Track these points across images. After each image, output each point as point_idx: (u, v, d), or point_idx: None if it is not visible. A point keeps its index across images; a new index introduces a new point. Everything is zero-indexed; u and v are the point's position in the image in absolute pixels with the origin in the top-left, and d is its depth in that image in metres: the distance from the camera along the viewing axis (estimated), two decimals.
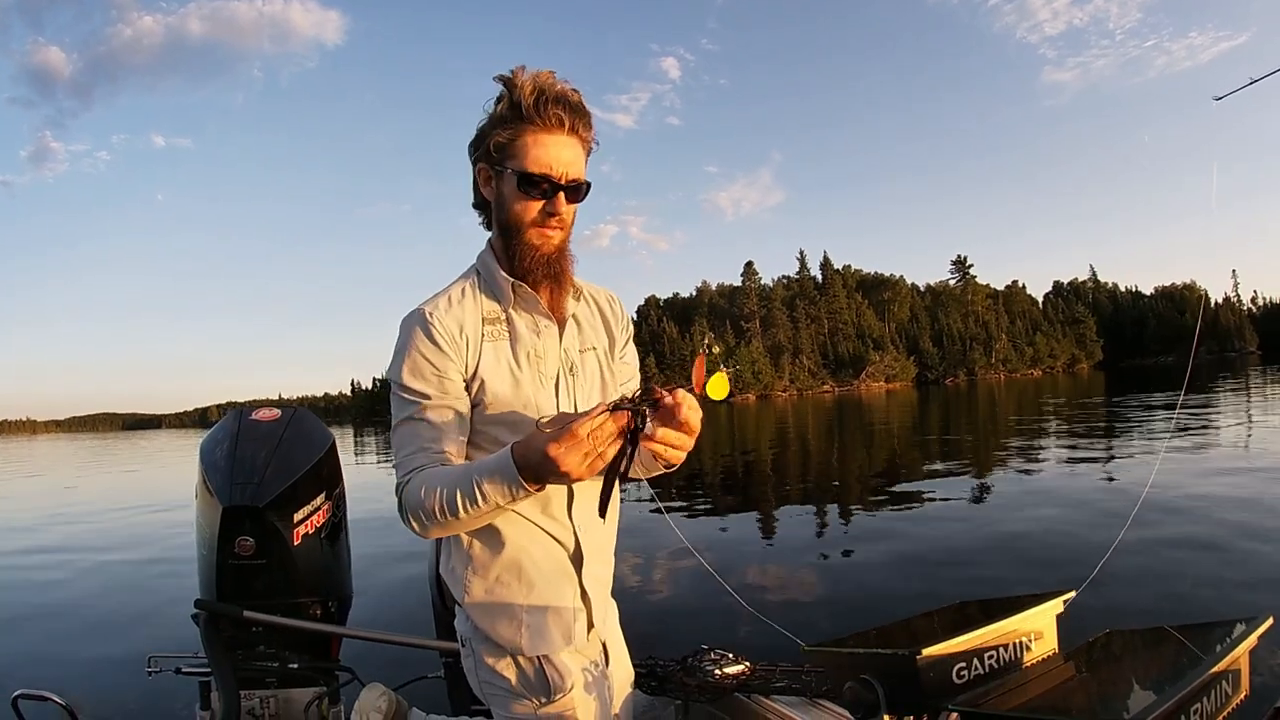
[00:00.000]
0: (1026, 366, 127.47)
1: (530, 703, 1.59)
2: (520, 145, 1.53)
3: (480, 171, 1.60)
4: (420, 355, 1.52)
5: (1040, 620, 1.23)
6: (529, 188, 1.54)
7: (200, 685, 2.56)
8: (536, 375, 1.60)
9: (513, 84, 1.52)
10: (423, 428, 1.52)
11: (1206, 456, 12.10)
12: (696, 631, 2.08)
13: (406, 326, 1.55)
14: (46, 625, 6.54)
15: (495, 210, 1.61)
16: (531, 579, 1.60)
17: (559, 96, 1.53)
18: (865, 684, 1.20)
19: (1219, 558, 6.28)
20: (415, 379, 1.52)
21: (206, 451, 2.65)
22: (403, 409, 1.54)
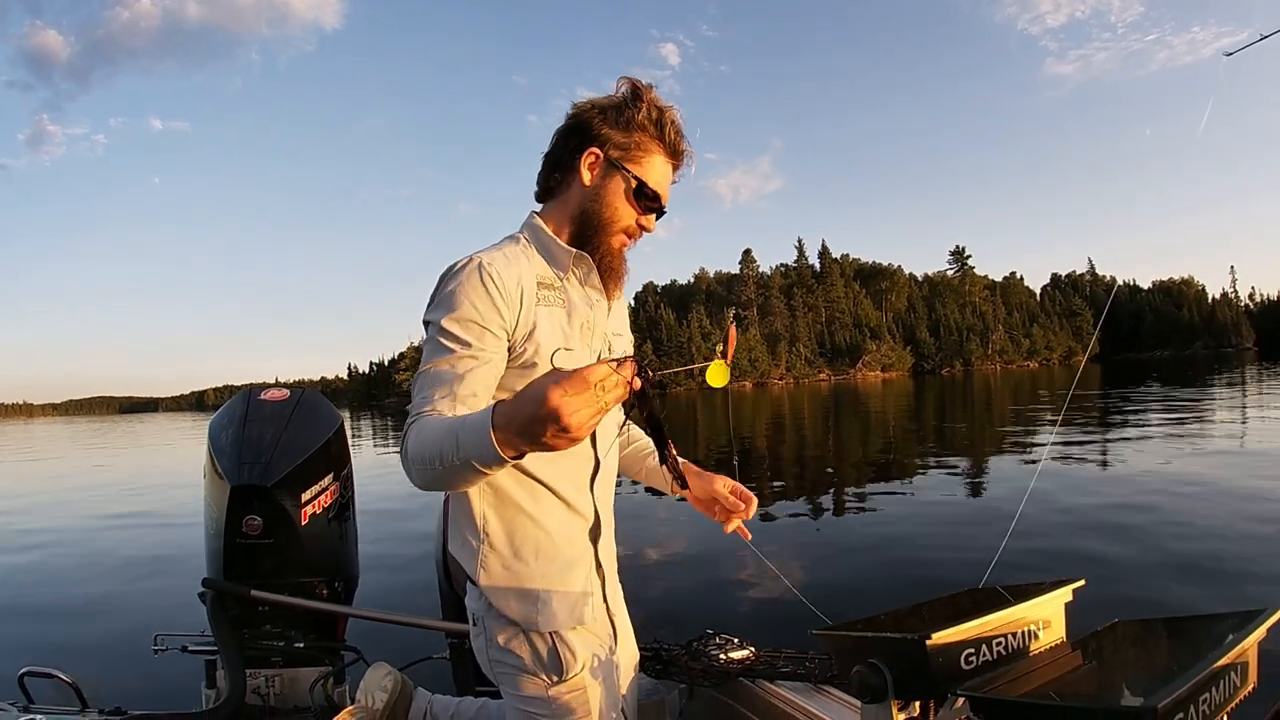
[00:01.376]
0: (1023, 358, 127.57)
1: (540, 681, 1.59)
2: (649, 161, 1.61)
3: (590, 155, 1.59)
4: (469, 303, 1.47)
5: (1049, 608, 1.25)
6: (641, 199, 1.61)
7: (206, 664, 2.58)
8: (587, 347, 1.64)
9: (651, 102, 1.59)
10: (449, 375, 1.46)
11: (1208, 448, 12.13)
12: (702, 616, 2.09)
13: (458, 272, 1.50)
14: (53, 603, 6.57)
15: (586, 196, 1.61)
16: (550, 554, 1.60)
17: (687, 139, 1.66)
18: (873, 668, 1.20)
19: (1230, 549, 6.30)
20: (457, 325, 1.46)
21: (215, 432, 2.66)
22: (435, 353, 1.48)
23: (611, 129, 1.58)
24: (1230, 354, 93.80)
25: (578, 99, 1.65)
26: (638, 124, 1.59)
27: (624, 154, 1.59)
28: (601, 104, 1.60)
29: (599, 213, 1.60)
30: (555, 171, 1.65)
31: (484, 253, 1.54)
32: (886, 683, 1.19)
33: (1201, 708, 0.92)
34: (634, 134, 1.59)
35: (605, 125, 1.58)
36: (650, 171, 1.61)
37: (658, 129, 1.60)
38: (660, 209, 1.66)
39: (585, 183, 1.60)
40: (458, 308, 1.47)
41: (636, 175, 1.59)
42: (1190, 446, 12.44)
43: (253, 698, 2.50)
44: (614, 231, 1.62)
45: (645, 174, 1.60)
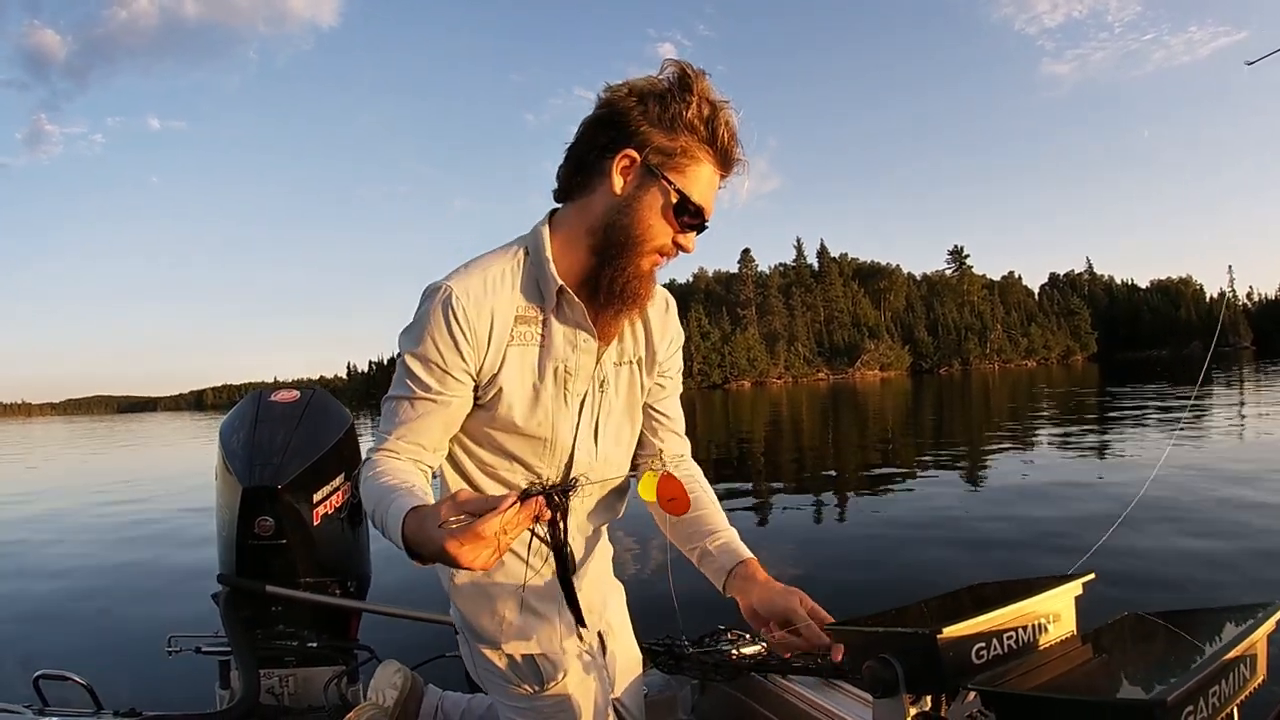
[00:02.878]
0: (1021, 357, 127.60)
1: (524, 689, 1.56)
2: (695, 170, 1.37)
3: (625, 158, 1.35)
4: (431, 342, 1.37)
5: (1059, 602, 1.26)
6: (684, 215, 1.38)
7: (220, 664, 2.58)
8: (561, 393, 1.47)
9: (704, 96, 1.36)
10: (407, 413, 1.42)
11: (1215, 445, 12.15)
12: (713, 612, 2.10)
13: (428, 301, 1.38)
14: (65, 606, 6.56)
15: (615, 210, 1.38)
16: (515, 578, 1.53)
17: (739, 146, 1.43)
18: (884, 663, 1.21)
19: (1236, 543, 6.34)
20: (418, 364, 1.39)
21: (226, 433, 2.67)
22: (398, 385, 1.43)
23: (653, 127, 1.34)
24: (1228, 353, 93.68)
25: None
26: (685, 123, 1.34)
27: (666, 160, 1.34)
28: (641, 90, 1.35)
29: (629, 228, 1.37)
30: (580, 170, 1.41)
31: (461, 277, 1.39)
32: (898, 677, 1.20)
33: (1211, 700, 0.93)
34: (680, 136, 1.34)
35: (645, 122, 1.33)
36: (695, 183, 1.37)
37: (709, 131, 1.36)
38: (703, 226, 1.43)
39: (616, 190, 1.36)
40: (421, 344, 1.38)
41: (679, 187, 1.35)
42: (1194, 441, 12.44)
43: (267, 697, 2.51)
44: (645, 251, 1.39)
45: (689, 186, 1.36)
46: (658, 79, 1.37)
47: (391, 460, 1.42)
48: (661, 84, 1.36)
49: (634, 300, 1.44)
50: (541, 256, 1.42)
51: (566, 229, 1.44)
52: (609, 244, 1.39)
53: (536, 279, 1.43)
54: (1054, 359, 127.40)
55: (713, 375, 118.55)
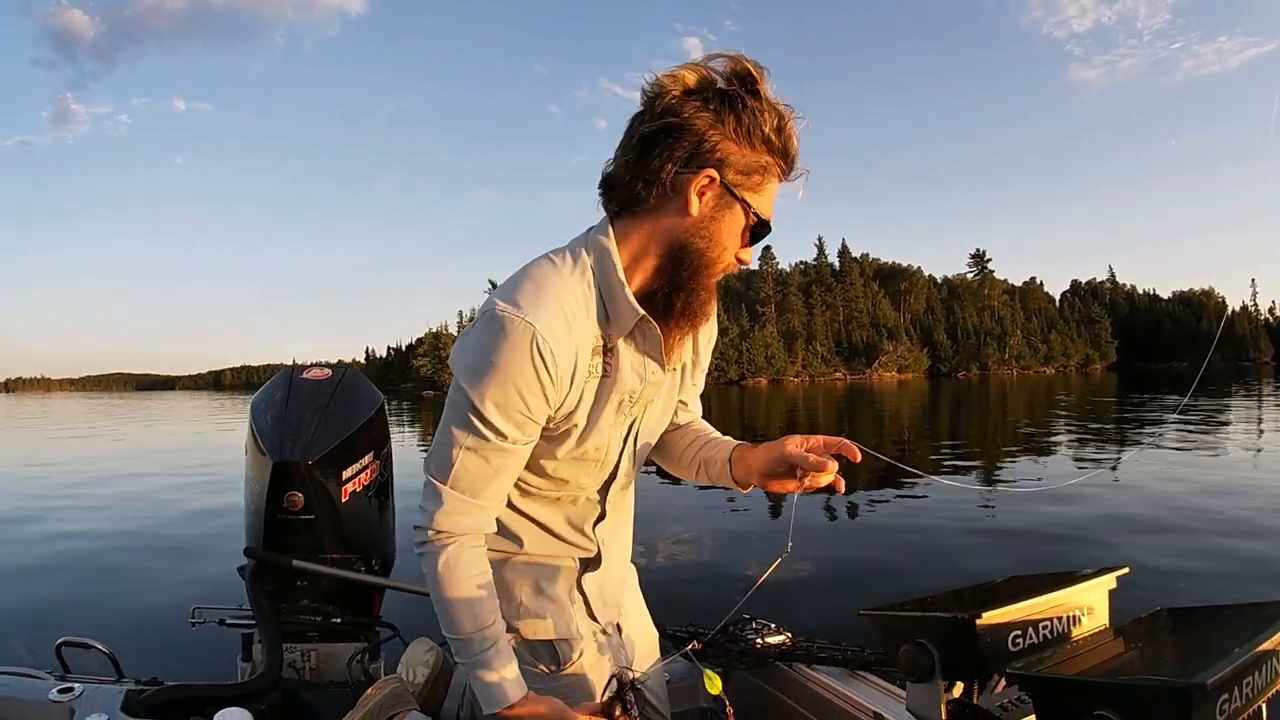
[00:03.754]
0: (1040, 364, 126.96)
1: (541, 669, 1.53)
2: (768, 187, 1.30)
3: (704, 177, 1.24)
4: (514, 387, 1.24)
5: (1093, 594, 1.27)
6: (757, 234, 1.33)
7: (243, 637, 2.59)
8: (622, 419, 1.44)
9: (777, 111, 1.27)
10: (480, 467, 1.31)
11: (1243, 451, 12.12)
12: (735, 601, 2.12)
13: (505, 338, 1.23)
14: (90, 575, 6.64)
15: (690, 229, 1.28)
16: (534, 572, 1.52)
17: None
18: (921, 647, 1.22)
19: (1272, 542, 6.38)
20: (496, 410, 1.26)
21: (257, 409, 2.68)
22: (467, 430, 1.29)
23: (731, 143, 1.24)
24: (1248, 367, 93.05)
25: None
26: (762, 138, 1.25)
27: (744, 179, 1.26)
28: (703, 88, 1.25)
29: (705, 251, 1.29)
30: (643, 182, 1.27)
31: (542, 312, 1.23)
32: (934, 662, 1.21)
33: (1245, 691, 0.94)
34: (757, 152, 1.26)
35: (723, 138, 1.23)
36: (767, 199, 1.31)
37: (782, 144, 1.28)
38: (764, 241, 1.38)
39: (692, 212, 1.26)
40: (502, 388, 1.24)
41: (755, 207, 1.28)
42: (1225, 450, 12.40)
43: (289, 671, 2.52)
44: (716, 272, 1.33)
45: (762, 203, 1.29)
46: (716, 74, 1.26)
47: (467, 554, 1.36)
48: (729, 86, 1.25)
49: (700, 319, 1.38)
50: (615, 281, 1.31)
51: (630, 247, 1.33)
52: (680, 266, 1.30)
53: (608, 307, 1.33)
54: (1073, 367, 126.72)
55: (730, 371, 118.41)
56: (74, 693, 2.02)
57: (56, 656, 2.38)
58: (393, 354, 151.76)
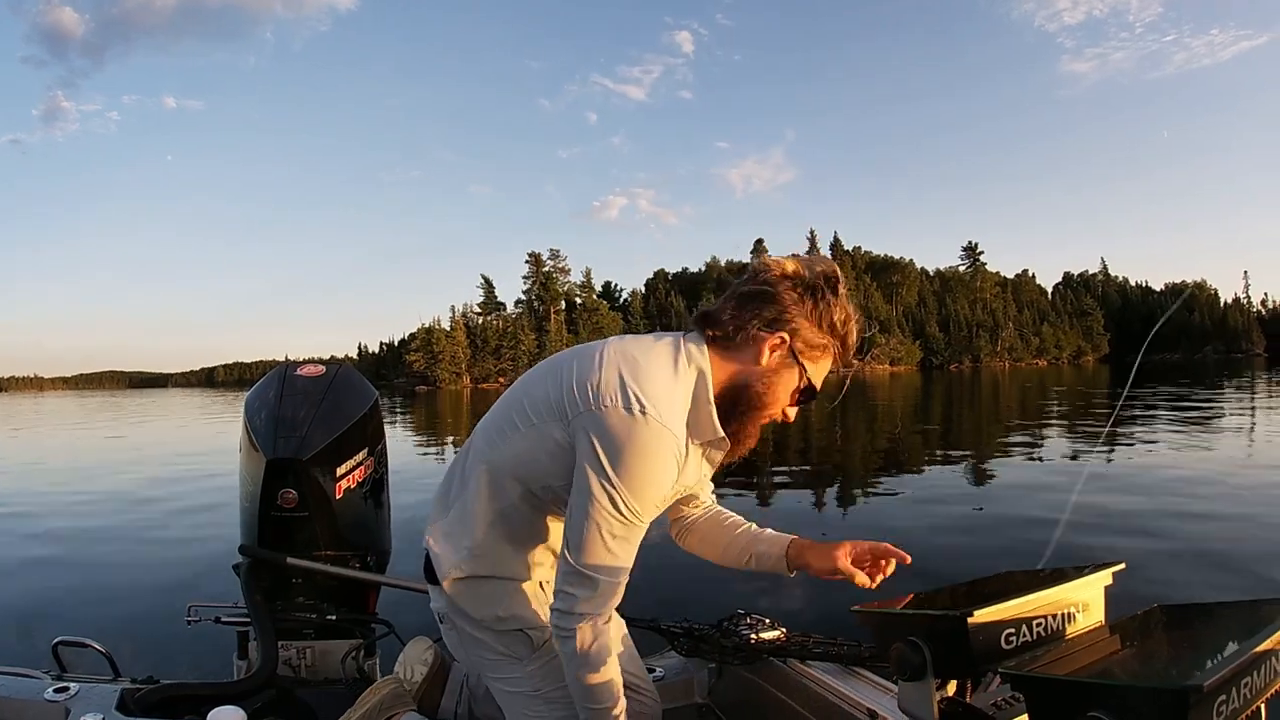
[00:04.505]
0: (1032, 356, 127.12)
1: (514, 662, 1.68)
2: (825, 362, 1.59)
3: (778, 339, 1.53)
4: (658, 487, 1.47)
5: (1088, 591, 1.26)
6: (804, 395, 1.60)
7: (238, 635, 2.60)
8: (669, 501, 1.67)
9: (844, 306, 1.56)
10: (626, 551, 1.50)
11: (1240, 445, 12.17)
12: (731, 597, 2.13)
13: (657, 447, 1.43)
14: (85, 573, 6.61)
15: (755, 375, 1.55)
16: (525, 577, 1.69)
17: None
18: (912, 645, 1.21)
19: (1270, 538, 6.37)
20: (644, 504, 1.46)
21: (251, 406, 2.68)
22: (615, 524, 1.45)
23: (806, 320, 1.54)
24: (1240, 359, 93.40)
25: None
26: (830, 324, 1.55)
27: (807, 349, 1.55)
28: (796, 276, 1.54)
29: (761, 395, 1.56)
30: (735, 326, 1.54)
31: (675, 417, 1.46)
32: (926, 660, 1.21)
33: (1243, 691, 0.93)
34: (820, 334, 1.55)
35: (801, 315, 1.53)
36: (821, 372, 1.60)
37: (844, 334, 1.58)
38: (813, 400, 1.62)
39: (761, 362, 1.54)
40: (649, 489, 1.45)
41: (810, 374, 1.57)
42: (1220, 443, 12.44)
43: (284, 669, 2.52)
44: (766, 416, 1.59)
45: (816, 374, 1.59)
46: (807, 263, 1.57)
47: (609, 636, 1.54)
48: (811, 275, 1.55)
49: (742, 447, 1.63)
50: (704, 400, 1.53)
51: (714, 372, 1.55)
52: (739, 400, 1.56)
53: (696, 419, 1.53)
54: (1065, 359, 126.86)
55: None
56: (70, 692, 2.02)
57: (52, 656, 2.39)
58: (385, 349, 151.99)
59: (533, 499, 1.60)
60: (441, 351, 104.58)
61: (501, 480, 1.61)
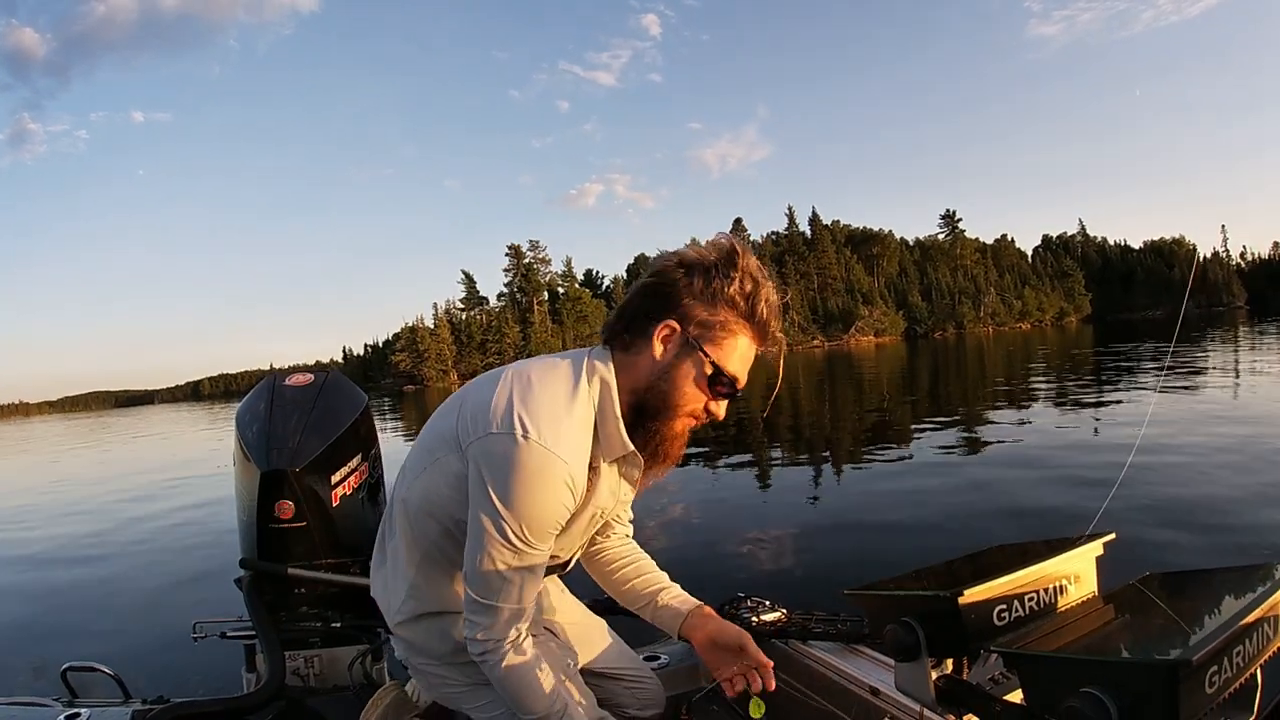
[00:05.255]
0: (1015, 320, 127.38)
1: (486, 688, 1.64)
2: (731, 342, 1.45)
3: (666, 328, 1.44)
4: (550, 515, 1.41)
5: (1079, 563, 1.27)
6: (717, 385, 1.46)
7: (245, 648, 2.62)
8: (589, 529, 1.63)
9: (746, 273, 1.44)
10: (522, 579, 1.46)
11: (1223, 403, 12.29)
12: (734, 580, 2.15)
13: (545, 476, 1.37)
14: (89, 598, 6.62)
15: (654, 374, 1.46)
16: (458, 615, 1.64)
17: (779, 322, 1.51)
18: (906, 627, 1.22)
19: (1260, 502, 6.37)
20: (534, 535, 1.41)
21: (242, 419, 2.68)
22: (512, 551, 1.42)
23: (695, 301, 1.43)
24: (1222, 312, 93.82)
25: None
26: (726, 299, 1.43)
27: (705, 332, 1.43)
28: (690, 262, 1.45)
29: (666, 394, 1.46)
30: (629, 329, 1.49)
31: (568, 446, 1.39)
32: (920, 641, 1.22)
33: (1235, 660, 0.94)
34: (719, 311, 1.43)
35: (689, 295, 1.43)
36: (731, 355, 1.45)
37: (749, 307, 1.45)
38: (735, 394, 1.50)
39: (657, 356, 1.45)
40: (540, 518, 1.40)
41: (714, 360, 1.44)
42: (1207, 403, 12.50)
43: (293, 679, 2.53)
44: (679, 415, 1.48)
45: (725, 358, 1.45)
46: (707, 252, 1.46)
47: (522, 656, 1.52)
48: (710, 257, 1.44)
49: (665, 460, 1.54)
50: (611, 414, 1.46)
51: (620, 381, 1.49)
52: (647, 404, 1.48)
53: (602, 435, 1.47)
54: (1048, 321, 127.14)
55: None
56: (82, 717, 2.03)
57: (62, 682, 2.40)
58: (370, 351, 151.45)
59: (451, 535, 1.56)
60: (427, 350, 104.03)
61: (419, 518, 1.59)
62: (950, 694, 1.23)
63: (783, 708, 2.07)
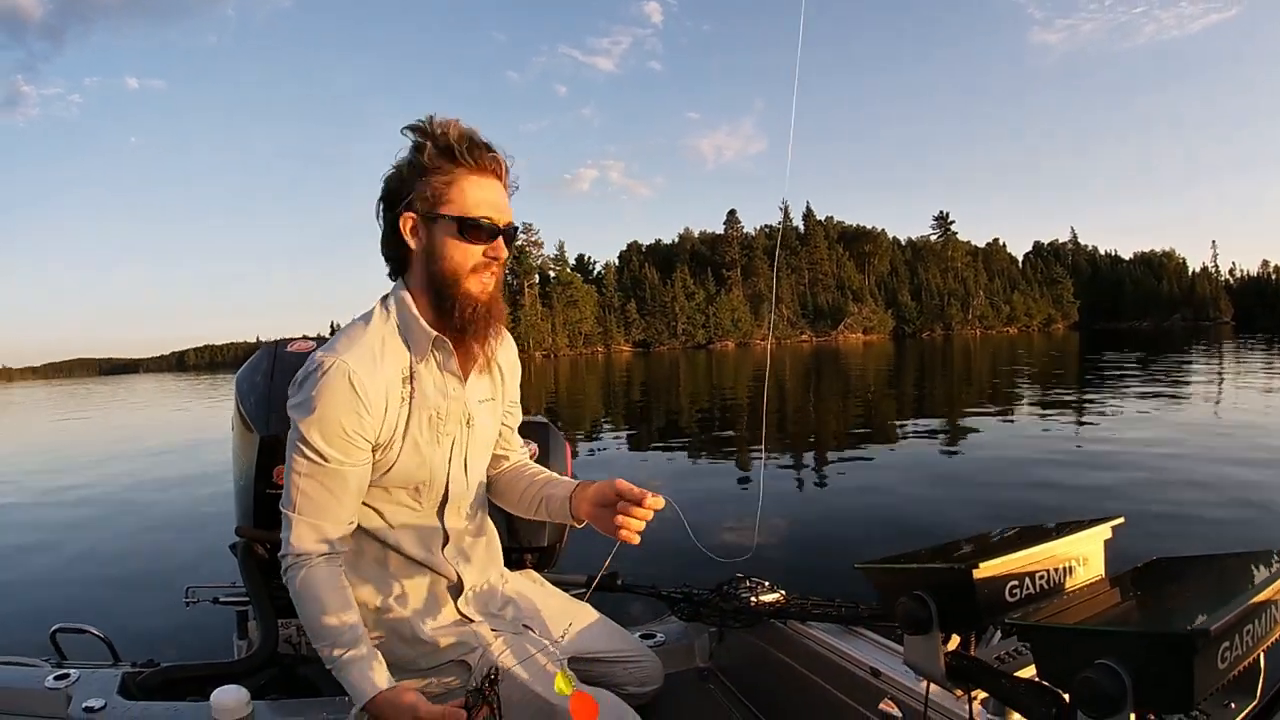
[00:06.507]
0: (1003, 324, 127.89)
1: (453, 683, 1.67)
2: (457, 191, 1.52)
3: (406, 220, 1.53)
4: (334, 417, 1.46)
5: (1089, 545, 1.28)
6: (473, 232, 1.53)
7: (237, 615, 2.60)
8: (435, 435, 1.61)
9: (434, 132, 1.51)
10: (317, 490, 1.51)
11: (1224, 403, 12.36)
12: (730, 562, 2.16)
13: (324, 376, 1.47)
14: (81, 560, 6.63)
15: (426, 261, 1.55)
16: (416, 603, 1.68)
17: (486, 143, 1.55)
18: (918, 600, 1.22)
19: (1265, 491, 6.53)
20: (323, 440, 1.47)
21: (242, 385, 2.66)
22: (303, 458, 1.49)
23: (412, 183, 1.52)
24: (1209, 327, 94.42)
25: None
26: (430, 165, 1.51)
27: (433, 201, 1.52)
28: (400, 163, 1.55)
29: (441, 270, 1.53)
30: (390, 250, 1.60)
31: (350, 351, 1.49)
32: (931, 614, 1.22)
33: (1245, 639, 0.94)
34: (431, 176, 1.51)
35: (403, 185, 1.53)
36: (466, 200, 1.52)
37: (449, 155, 1.51)
38: (500, 230, 1.56)
39: (415, 248, 1.55)
40: (325, 417, 1.46)
41: (454, 214, 1.51)
42: (1204, 402, 12.60)
43: (284, 646, 2.51)
44: (464, 276, 1.55)
45: (462, 206, 1.52)
46: None
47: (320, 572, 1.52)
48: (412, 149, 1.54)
49: (485, 323, 1.60)
50: (409, 316, 1.57)
51: (412, 292, 1.59)
52: (438, 289, 1.55)
53: (407, 339, 1.57)
54: (1035, 326, 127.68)
55: (697, 335, 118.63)
56: (70, 678, 2.02)
57: (51, 643, 2.38)
58: None
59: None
60: None
61: None
62: (959, 670, 1.24)
63: (783, 688, 2.08)
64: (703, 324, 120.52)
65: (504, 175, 1.60)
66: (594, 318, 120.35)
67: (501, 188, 1.59)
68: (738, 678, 2.23)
